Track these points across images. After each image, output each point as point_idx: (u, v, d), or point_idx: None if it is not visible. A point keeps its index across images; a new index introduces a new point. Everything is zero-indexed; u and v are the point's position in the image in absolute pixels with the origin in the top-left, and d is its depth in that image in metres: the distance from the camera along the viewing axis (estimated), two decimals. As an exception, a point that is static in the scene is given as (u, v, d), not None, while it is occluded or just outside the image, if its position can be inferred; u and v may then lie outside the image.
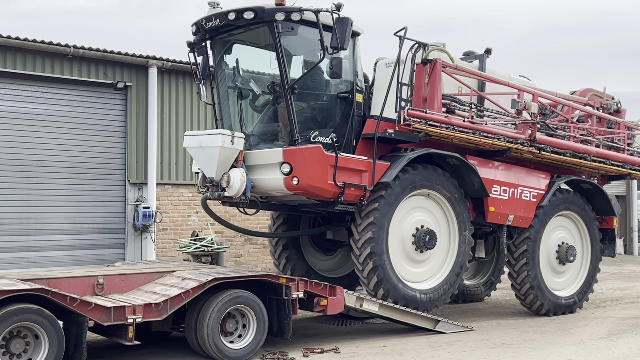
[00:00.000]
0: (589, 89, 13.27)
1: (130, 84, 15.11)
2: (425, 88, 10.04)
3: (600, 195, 12.39)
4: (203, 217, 16.10)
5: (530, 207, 11.26)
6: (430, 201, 10.21)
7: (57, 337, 6.95)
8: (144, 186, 15.26)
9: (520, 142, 10.78)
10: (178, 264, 10.23)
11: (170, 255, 15.48)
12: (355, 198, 9.48)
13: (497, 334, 9.85)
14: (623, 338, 9.48)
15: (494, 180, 10.85)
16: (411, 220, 10.02)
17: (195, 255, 13.40)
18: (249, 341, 8.28)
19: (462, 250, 10.37)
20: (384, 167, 9.66)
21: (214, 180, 9.40)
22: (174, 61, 15.46)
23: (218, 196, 9.55)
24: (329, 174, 9.16)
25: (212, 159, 9.28)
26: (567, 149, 11.44)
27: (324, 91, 9.94)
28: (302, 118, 9.56)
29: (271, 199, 10.38)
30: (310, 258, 11.60)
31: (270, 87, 9.98)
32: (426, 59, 10.01)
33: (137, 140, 15.24)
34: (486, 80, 10.90)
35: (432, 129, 9.76)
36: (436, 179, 10.06)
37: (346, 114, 9.78)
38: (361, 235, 9.51)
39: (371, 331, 10.10)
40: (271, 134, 9.96)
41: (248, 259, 16.77)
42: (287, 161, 9.13)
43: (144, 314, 7.49)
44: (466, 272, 13.33)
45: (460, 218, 10.32)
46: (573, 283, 12.02)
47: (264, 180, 9.50)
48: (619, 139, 12.72)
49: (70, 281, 7.99)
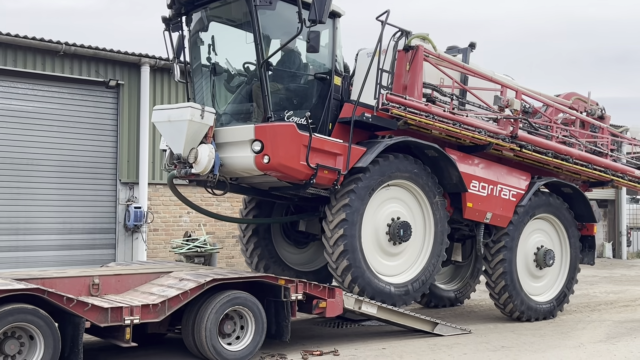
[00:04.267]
0: (573, 93, 13.14)
1: (123, 82, 14.96)
2: (406, 76, 9.81)
3: (581, 201, 12.10)
4: (195, 217, 15.96)
5: (510, 206, 11.03)
6: (406, 192, 9.89)
7: (53, 338, 6.77)
8: (135, 186, 15.09)
9: (501, 138, 10.53)
10: (174, 264, 10.07)
11: (162, 256, 15.31)
12: (328, 182, 9.14)
13: (495, 337, 9.76)
14: (622, 341, 9.42)
15: (473, 175, 10.57)
16: (385, 212, 9.68)
17: (188, 256, 13.24)
18: (247, 343, 8.13)
19: (438, 240, 10.06)
20: (360, 152, 9.35)
21: (182, 156, 9.01)
22: (166, 59, 15.25)
23: (185, 173, 9.12)
24: (301, 154, 8.82)
25: (180, 133, 8.87)
26: (549, 148, 11.18)
27: (301, 71, 9.63)
28: (277, 98, 9.20)
29: (241, 180, 9.96)
30: (281, 251, 11.17)
31: (246, 67, 9.70)
32: (408, 46, 9.83)
33: (129, 139, 15.07)
34: (469, 73, 10.62)
35: (411, 116, 9.50)
36: (413, 169, 9.74)
37: (323, 96, 9.48)
38: (335, 216, 9.14)
39: (369, 333, 9.98)
40: (244, 113, 9.60)
41: (240, 260, 16.58)
42: (259, 138, 8.76)
43: (142, 315, 7.32)
44: (443, 277, 13.20)
45: (435, 208, 10.03)
46: (551, 288, 11.73)
47: (234, 159, 9.11)
48: (603, 144, 12.61)
49: (66, 281, 7.81)
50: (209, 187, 9.71)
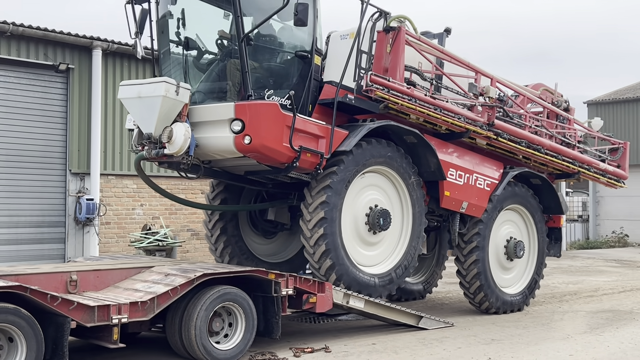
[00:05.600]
0: (540, 84, 13.17)
1: (73, 67, 14.11)
2: (386, 57, 9.46)
3: (549, 192, 12.08)
4: (148, 210, 15.28)
5: (484, 196, 10.86)
6: (381, 177, 9.52)
7: (36, 340, 6.16)
8: (86, 176, 14.27)
9: (479, 125, 10.35)
10: (149, 259, 9.45)
11: (114, 250, 14.55)
12: (310, 165, 8.67)
13: (480, 330, 9.58)
14: (607, 332, 9.39)
15: (451, 163, 10.33)
16: (364, 199, 9.31)
17: (149, 251, 12.56)
18: (238, 341, 7.67)
19: (417, 222, 9.76)
20: (343, 136, 8.94)
21: (152, 136, 8.33)
22: (119, 43, 14.51)
23: (156, 154, 8.40)
24: (284, 135, 8.30)
25: (153, 110, 8.18)
26: (523, 138, 11.08)
27: (281, 48, 9.17)
28: (257, 76, 8.68)
29: (214, 164, 9.30)
30: (249, 241, 10.53)
31: (219, 43, 9.16)
32: (389, 27, 9.49)
33: (79, 127, 14.24)
34: (448, 59, 10.36)
35: (395, 99, 9.18)
36: (387, 153, 9.35)
37: (303, 76, 9.01)
38: (313, 215, 8.67)
39: (353, 328, 9.65)
40: (218, 91, 8.98)
41: (195, 254, 15.98)
42: (239, 117, 8.18)
43: (130, 313, 6.76)
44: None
45: (413, 195, 9.72)
46: (520, 280, 11.65)
47: (210, 139, 8.47)
48: (571, 135, 12.68)
49: (41, 277, 7.13)
50: (182, 170, 9.03)
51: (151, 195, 15.22)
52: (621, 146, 13.54)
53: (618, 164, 13.44)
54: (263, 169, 9.06)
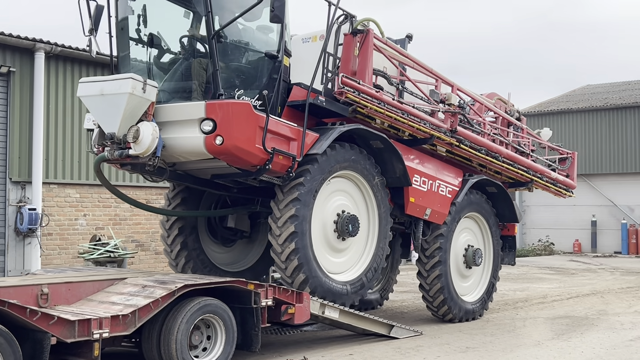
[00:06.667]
0: (494, 93, 13.41)
1: (14, 70, 13.44)
2: (354, 60, 9.38)
3: (505, 200, 12.23)
4: (92, 220, 14.66)
5: (446, 203, 10.93)
6: (346, 181, 9.40)
7: (15, 358, 5.69)
8: (27, 185, 13.55)
9: (442, 132, 10.40)
10: (115, 271, 8.99)
11: (57, 263, 13.87)
12: (281, 168, 8.42)
13: (451, 338, 9.57)
14: (574, 338, 9.53)
15: (415, 169, 10.33)
16: (332, 205, 9.16)
17: (99, 262, 12.00)
18: (218, 354, 7.37)
19: (383, 222, 9.68)
20: (314, 139, 8.79)
21: (116, 136, 7.87)
22: (62, 46, 13.90)
23: (119, 155, 7.94)
24: (257, 137, 8.01)
25: (117, 109, 7.72)
26: (483, 145, 11.22)
27: (251, 47, 8.93)
28: (226, 75, 8.41)
29: (179, 166, 8.90)
30: (209, 251, 10.17)
31: (182, 41, 8.81)
32: (357, 29, 9.43)
33: (20, 132, 13.54)
34: (411, 64, 10.36)
35: (364, 102, 9.08)
36: (350, 156, 9.22)
37: (273, 77, 8.77)
38: (283, 212, 8.45)
39: (326, 339, 9.47)
40: (184, 90, 8.63)
41: (139, 266, 15.41)
42: (210, 117, 7.85)
43: (111, 327, 6.37)
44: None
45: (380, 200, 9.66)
46: (477, 288, 11.76)
47: (178, 140, 8.07)
48: (525, 144, 12.94)
49: (11, 290, 6.65)
50: (147, 173, 8.62)
51: (94, 205, 14.65)
52: (569, 156, 13.90)
53: (567, 173, 13.79)
54: (232, 171, 8.74)
